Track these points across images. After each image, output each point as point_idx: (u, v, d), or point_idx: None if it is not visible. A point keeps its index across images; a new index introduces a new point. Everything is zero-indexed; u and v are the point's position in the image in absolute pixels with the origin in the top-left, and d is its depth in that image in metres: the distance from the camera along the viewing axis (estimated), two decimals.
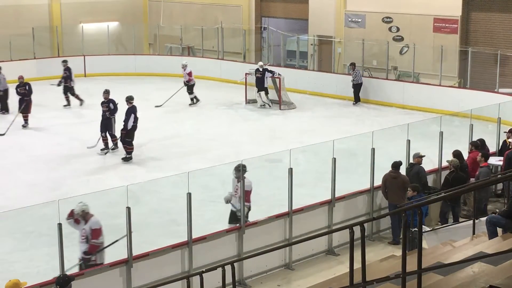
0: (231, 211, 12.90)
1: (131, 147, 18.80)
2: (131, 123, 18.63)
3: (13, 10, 31.91)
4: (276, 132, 22.13)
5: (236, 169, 12.65)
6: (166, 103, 25.22)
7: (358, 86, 25.72)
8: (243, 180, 12.27)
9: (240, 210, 12.41)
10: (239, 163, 12.65)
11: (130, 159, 18.78)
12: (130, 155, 18.81)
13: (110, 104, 19.42)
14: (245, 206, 12.52)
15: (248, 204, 12.69)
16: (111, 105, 19.40)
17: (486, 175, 14.05)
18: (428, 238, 11.60)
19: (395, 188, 13.56)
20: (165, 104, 25.21)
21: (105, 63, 31.25)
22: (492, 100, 20.93)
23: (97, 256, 11.19)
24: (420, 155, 14.34)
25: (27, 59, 30.00)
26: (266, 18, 32.32)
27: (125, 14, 34.89)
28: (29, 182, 17.18)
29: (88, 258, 11.13)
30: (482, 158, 14.47)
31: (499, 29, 25.16)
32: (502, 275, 6.89)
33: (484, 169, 14.26)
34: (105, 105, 19.47)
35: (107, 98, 19.54)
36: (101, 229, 11.22)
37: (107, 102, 19.48)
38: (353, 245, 7.14)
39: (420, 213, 7.38)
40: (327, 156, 13.33)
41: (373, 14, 27.77)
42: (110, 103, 19.44)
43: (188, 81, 25.64)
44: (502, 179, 14.01)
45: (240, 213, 12.39)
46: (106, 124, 19.37)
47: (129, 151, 18.80)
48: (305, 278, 12.19)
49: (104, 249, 11.25)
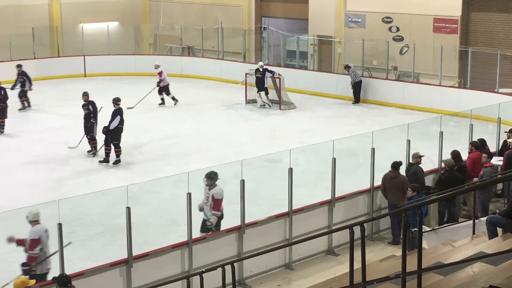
0: (202, 219, 12.53)
1: (119, 150, 18.52)
2: (115, 124, 18.42)
3: (13, 10, 31.90)
4: (276, 132, 22.13)
5: (207, 176, 12.29)
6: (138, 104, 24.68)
7: (358, 85, 25.74)
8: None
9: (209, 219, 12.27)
10: (211, 171, 12.38)
11: (118, 162, 18.48)
12: (118, 157, 18.52)
13: (89, 106, 19.16)
14: (215, 215, 12.24)
15: (218, 213, 12.28)
16: (91, 107, 19.14)
17: (489, 175, 14.05)
18: (428, 238, 11.60)
19: (393, 188, 13.56)
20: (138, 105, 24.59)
21: (105, 63, 31.25)
22: (492, 100, 20.93)
23: (37, 267, 10.85)
24: (419, 155, 14.33)
25: (27, 59, 29.94)
26: (266, 18, 32.33)
27: (125, 14, 34.89)
28: (29, 182, 17.18)
29: (27, 270, 10.83)
30: (489, 159, 14.45)
31: (499, 29, 25.16)
32: (502, 275, 6.89)
33: (488, 169, 14.25)
34: (85, 107, 19.21)
35: (86, 100, 19.26)
36: (39, 239, 10.78)
37: (87, 104, 19.21)
38: (353, 245, 7.14)
39: (420, 213, 7.38)
40: (327, 156, 13.33)
41: (373, 14, 27.77)
42: (90, 105, 19.18)
43: (160, 82, 25.33)
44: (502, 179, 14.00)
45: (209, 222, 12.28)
46: (86, 127, 19.13)
47: (117, 153, 18.53)
48: (305, 278, 12.19)
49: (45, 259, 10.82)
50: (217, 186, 12.29)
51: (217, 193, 12.25)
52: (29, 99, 24.94)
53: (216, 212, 12.30)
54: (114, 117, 18.56)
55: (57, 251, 10.49)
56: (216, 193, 12.25)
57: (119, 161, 18.55)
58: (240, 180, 11.86)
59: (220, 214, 12.36)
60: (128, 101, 26.31)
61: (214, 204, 12.27)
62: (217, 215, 12.32)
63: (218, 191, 12.28)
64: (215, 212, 12.28)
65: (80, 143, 19.37)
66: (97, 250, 13.14)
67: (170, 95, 25.47)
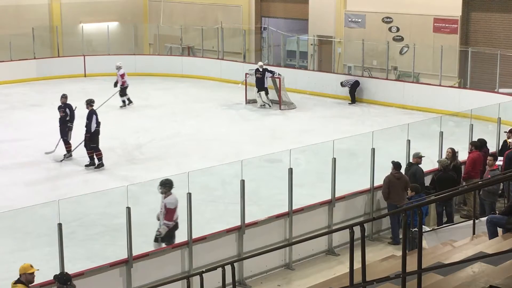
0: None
1: (99, 153, 18.17)
2: (94, 126, 18.06)
3: (13, 10, 31.91)
4: (276, 132, 22.14)
5: (161, 184, 11.92)
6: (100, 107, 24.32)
7: (355, 85, 25.86)
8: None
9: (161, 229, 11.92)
10: (166, 178, 12.06)
11: (101, 165, 18.12)
12: (101, 161, 18.16)
13: (66, 109, 18.78)
14: (165, 225, 11.81)
15: (169, 223, 11.80)
16: (68, 110, 18.77)
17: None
18: (428, 238, 11.60)
19: (398, 189, 13.51)
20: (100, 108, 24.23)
21: (105, 63, 31.22)
22: (492, 100, 20.94)
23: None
24: (420, 155, 14.33)
25: (27, 59, 30.01)
26: (266, 18, 32.33)
27: (125, 14, 34.89)
28: (29, 182, 17.18)
29: None
30: (494, 161, 14.41)
31: (499, 29, 25.16)
32: (502, 275, 6.89)
33: (497, 172, 14.24)
34: (61, 110, 18.83)
35: (64, 102, 18.88)
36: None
37: (64, 107, 18.82)
38: (353, 245, 7.14)
39: (420, 213, 7.38)
40: (327, 156, 13.33)
41: (373, 14, 27.78)
42: (67, 108, 18.79)
43: (122, 84, 24.93)
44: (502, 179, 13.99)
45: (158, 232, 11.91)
46: (62, 130, 18.75)
47: (98, 157, 18.15)
48: (305, 278, 12.19)
49: None
50: (171, 195, 11.82)
51: (169, 202, 11.79)
52: None
53: (167, 222, 11.81)
54: (90, 119, 18.08)
55: None
56: (168, 202, 11.80)
57: (101, 164, 18.12)
58: (240, 180, 11.85)
59: (172, 224, 11.84)
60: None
61: (166, 214, 11.80)
62: (168, 225, 11.82)
63: (171, 200, 11.80)
64: (166, 222, 11.81)
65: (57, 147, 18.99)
66: (97, 250, 13.14)
67: (126, 96, 24.92)
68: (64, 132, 18.77)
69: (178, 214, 11.92)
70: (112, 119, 23.47)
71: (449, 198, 13.93)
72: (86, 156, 18.83)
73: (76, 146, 18.73)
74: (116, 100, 26.42)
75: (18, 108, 24.89)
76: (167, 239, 11.90)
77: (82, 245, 13.25)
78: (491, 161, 14.32)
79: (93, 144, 18.11)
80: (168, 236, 11.90)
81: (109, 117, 23.67)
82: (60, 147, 18.98)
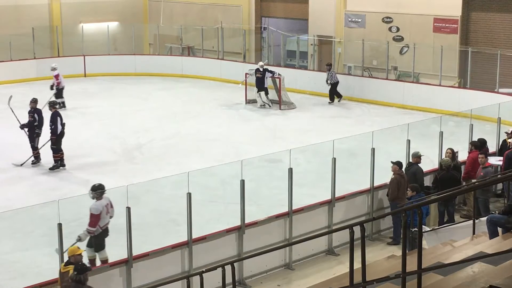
0: None
1: (58, 155, 17.82)
2: (60, 128, 17.71)
3: (13, 10, 31.91)
4: (276, 132, 22.14)
5: (93, 189, 11.85)
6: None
7: (335, 85, 25.85)
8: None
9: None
10: (97, 183, 12.01)
11: (57, 167, 17.81)
12: (57, 163, 17.83)
13: (35, 114, 18.29)
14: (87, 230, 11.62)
15: (91, 229, 11.60)
16: (36, 116, 18.27)
17: (491, 175, 14.05)
18: (428, 238, 11.60)
19: (404, 189, 13.53)
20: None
21: (105, 63, 31.26)
22: (492, 100, 20.93)
23: None
24: (419, 155, 14.33)
25: (27, 59, 30.02)
26: (266, 18, 32.33)
27: (125, 14, 34.89)
28: (29, 182, 17.18)
29: None
30: (486, 158, 14.44)
31: (499, 29, 25.16)
32: (502, 275, 6.89)
33: (489, 169, 14.27)
34: (30, 114, 18.23)
35: (33, 107, 18.40)
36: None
37: (33, 112, 18.34)
38: (353, 245, 7.14)
39: (420, 213, 7.38)
40: (327, 156, 13.33)
41: (373, 14, 27.77)
42: (36, 114, 18.30)
43: (57, 85, 24.33)
44: (502, 179, 14.00)
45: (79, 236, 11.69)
46: (29, 135, 18.26)
47: (56, 159, 17.80)
48: (305, 278, 12.19)
49: None
50: (97, 201, 11.72)
51: (93, 207, 11.63)
52: None
53: (89, 228, 11.65)
54: (54, 121, 17.70)
55: None
56: (92, 208, 11.64)
57: (57, 166, 17.83)
58: (240, 180, 11.85)
59: (94, 230, 11.67)
60: (128, 101, 26.40)
61: (89, 219, 11.65)
62: (90, 231, 11.66)
63: (95, 206, 11.66)
64: (88, 228, 11.65)
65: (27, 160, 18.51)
66: None
67: (62, 99, 24.18)
68: (32, 137, 18.29)
69: (108, 221, 11.81)
70: (112, 119, 23.50)
71: (451, 197, 13.94)
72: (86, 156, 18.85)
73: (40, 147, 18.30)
74: (115, 100, 26.45)
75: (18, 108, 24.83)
76: (95, 246, 11.79)
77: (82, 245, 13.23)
78: (483, 159, 14.35)
79: (54, 146, 17.76)
80: (96, 243, 11.77)
81: (109, 117, 23.73)
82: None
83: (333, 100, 25.92)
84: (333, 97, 25.95)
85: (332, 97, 25.95)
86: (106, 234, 11.87)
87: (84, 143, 20.42)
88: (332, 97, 25.94)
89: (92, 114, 24.10)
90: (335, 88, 25.91)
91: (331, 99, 25.94)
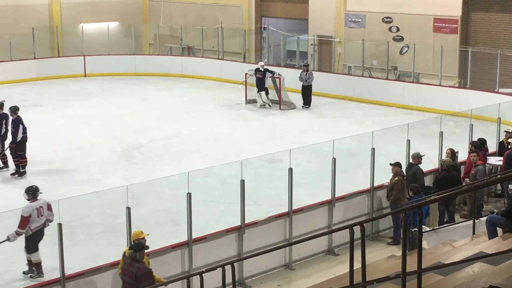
0: None
1: (24, 160, 17.46)
2: (20, 135, 17.25)
3: (13, 10, 31.92)
4: (276, 132, 22.14)
5: (26, 191, 11.92)
6: None
7: (310, 88, 25.28)
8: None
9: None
10: (31, 185, 12.11)
11: (24, 174, 17.42)
12: (24, 169, 17.45)
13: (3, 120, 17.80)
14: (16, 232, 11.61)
15: (21, 230, 11.62)
16: (4, 120, 17.74)
17: (482, 173, 14.07)
18: (428, 238, 11.60)
19: (404, 189, 13.55)
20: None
21: (105, 63, 31.26)
22: (492, 100, 20.94)
23: None
24: (420, 156, 14.33)
25: (27, 59, 30.02)
26: (266, 18, 32.33)
27: (125, 14, 34.90)
28: (29, 182, 17.15)
29: None
30: (477, 157, 14.47)
31: (499, 29, 25.16)
32: (502, 275, 6.88)
33: (480, 167, 14.27)
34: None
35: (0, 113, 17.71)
36: None
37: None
38: (353, 245, 7.14)
39: (420, 213, 7.38)
40: (327, 156, 13.33)
41: (373, 14, 27.77)
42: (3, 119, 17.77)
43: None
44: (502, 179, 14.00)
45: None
46: None
47: (22, 164, 17.44)
48: (305, 278, 12.19)
49: None
50: (30, 203, 11.74)
51: (23, 209, 11.66)
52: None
53: (19, 230, 11.65)
54: (16, 127, 17.26)
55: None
56: (22, 209, 11.67)
57: (24, 172, 17.45)
58: (240, 180, 11.86)
59: (23, 232, 11.67)
60: (128, 101, 26.41)
61: (20, 221, 11.61)
62: (19, 232, 11.66)
63: (25, 208, 11.68)
64: (18, 229, 11.66)
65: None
66: (97, 250, 13.13)
67: None
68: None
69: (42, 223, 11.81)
70: (112, 119, 23.50)
71: (451, 198, 13.94)
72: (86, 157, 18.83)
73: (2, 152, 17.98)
74: (115, 100, 26.44)
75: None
76: (27, 248, 11.84)
77: (82, 245, 13.25)
78: (475, 157, 14.37)
79: (20, 152, 17.40)
80: (28, 245, 11.83)
81: (109, 117, 23.73)
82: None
83: (309, 104, 25.17)
84: (309, 101, 25.24)
85: (308, 100, 25.21)
86: (40, 237, 11.86)
87: (84, 143, 20.42)
88: (308, 100, 25.17)
89: (92, 114, 24.09)
90: (310, 92, 25.27)
91: (307, 103, 25.18)
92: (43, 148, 19.96)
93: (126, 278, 9.75)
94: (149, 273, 9.73)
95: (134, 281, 9.58)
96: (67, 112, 24.44)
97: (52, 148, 19.97)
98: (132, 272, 9.60)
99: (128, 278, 9.67)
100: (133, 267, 9.61)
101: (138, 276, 9.54)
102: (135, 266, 9.60)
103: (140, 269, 9.59)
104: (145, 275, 9.60)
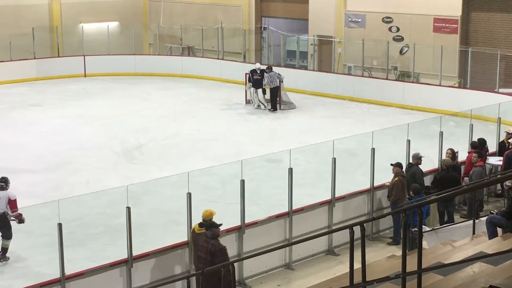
0: None
1: None
2: None
3: (13, 10, 31.91)
4: (276, 132, 22.14)
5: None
6: None
7: (275, 90, 24.82)
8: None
9: None
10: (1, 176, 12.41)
11: None
12: None
13: None
14: None
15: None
16: None
17: (478, 175, 14.05)
18: (428, 238, 11.60)
19: (404, 189, 13.54)
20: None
21: (105, 63, 31.25)
22: (492, 100, 20.93)
23: None
24: (419, 156, 14.32)
25: (27, 59, 30.00)
26: (266, 18, 32.33)
27: (125, 14, 34.89)
28: (29, 182, 17.16)
29: None
30: (479, 158, 14.45)
31: (499, 29, 25.16)
32: (502, 275, 6.89)
33: (478, 169, 14.26)
34: None
35: None
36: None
37: None
38: (353, 245, 7.14)
39: (420, 213, 7.38)
40: (327, 156, 13.33)
41: (373, 14, 27.77)
42: None
43: None
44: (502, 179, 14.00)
45: None
46: None
47: None
48: (305, 278, 12.20)
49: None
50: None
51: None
52: None
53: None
54: None
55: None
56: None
57: None
58: (240, 180, 11.86)
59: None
60: (128, 101, 26.41)
61: None
62: None
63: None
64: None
65: None
66: (97, 250, 13.13)
67: None
68: None
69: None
70: (112, 119, 23.50)
71: (451, 198, 13.94)
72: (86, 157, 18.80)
73: None
74: (115, 100, 26.43)
75: (18, 108, 24.89)
76: None
77: (82, 245, 13.25)
78: (475, 158, 14.35)
79: None
80: None
81: (109, 117, 23.73)
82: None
83: (276, 108, 24.71)
84: (275, 104, 24.75)
85: (275, 104, 24.73)
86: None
87: (84, 143, 20.41)
88: (274, 104, 24.72)
89: (92, 114, 24.09)
90: (276, 94, 24.83)
91: (273, 107, 24.69)
92: (43, 148, 19.97)
93: (201, 254, 10.56)
94: (223, 249, 10.52)
95: (209, 256, 10.40)
96: (67, 112, 24.44)
97: (52, 148, 19.96)
98: (207, 248, 10.44)
99: (204, 253, 10.51)
100: (208, 243, 10.47)
101: (213, 251, 10.39)
102: (210, 243, 10.45)
103: (215, 245, 10.44)
104: (219, 251, 10.43)
